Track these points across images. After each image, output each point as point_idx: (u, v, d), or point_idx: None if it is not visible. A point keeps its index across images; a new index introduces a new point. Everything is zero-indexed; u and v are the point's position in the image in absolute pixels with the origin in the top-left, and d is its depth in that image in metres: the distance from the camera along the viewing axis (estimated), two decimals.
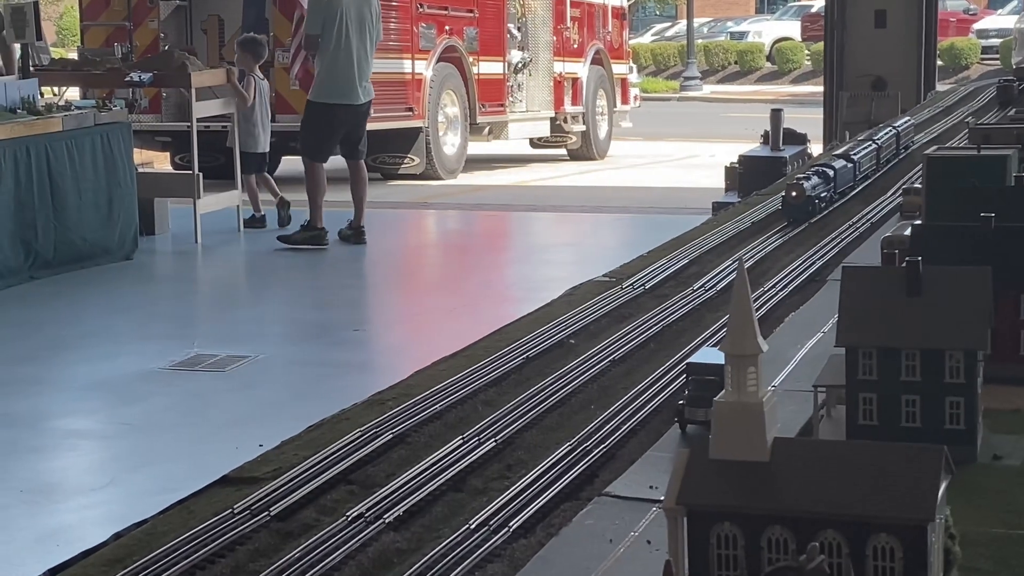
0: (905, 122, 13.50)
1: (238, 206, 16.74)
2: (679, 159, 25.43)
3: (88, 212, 14.47)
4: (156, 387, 10.26)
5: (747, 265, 8.90)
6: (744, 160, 15.84)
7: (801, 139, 15.94)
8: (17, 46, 15.80)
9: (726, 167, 16.46)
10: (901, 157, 12.75)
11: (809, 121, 20.86)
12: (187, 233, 16.16)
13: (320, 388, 10.09)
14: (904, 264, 3.91)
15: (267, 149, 16.84)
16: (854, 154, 11.48)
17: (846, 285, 3.90)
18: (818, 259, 8.07)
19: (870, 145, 12.05)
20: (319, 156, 15.85)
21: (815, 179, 10.31)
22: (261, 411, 9.67)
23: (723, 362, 2.90)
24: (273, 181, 17.41)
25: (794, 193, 9.98)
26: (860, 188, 11.25)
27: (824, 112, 19.52)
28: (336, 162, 16.47)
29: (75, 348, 11.47)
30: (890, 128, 13.05)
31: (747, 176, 15.76)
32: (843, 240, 8.57)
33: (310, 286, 14.48)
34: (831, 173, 10.61)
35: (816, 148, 16.23)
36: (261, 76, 16.82)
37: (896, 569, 2.74)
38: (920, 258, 3.89)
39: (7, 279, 13.48)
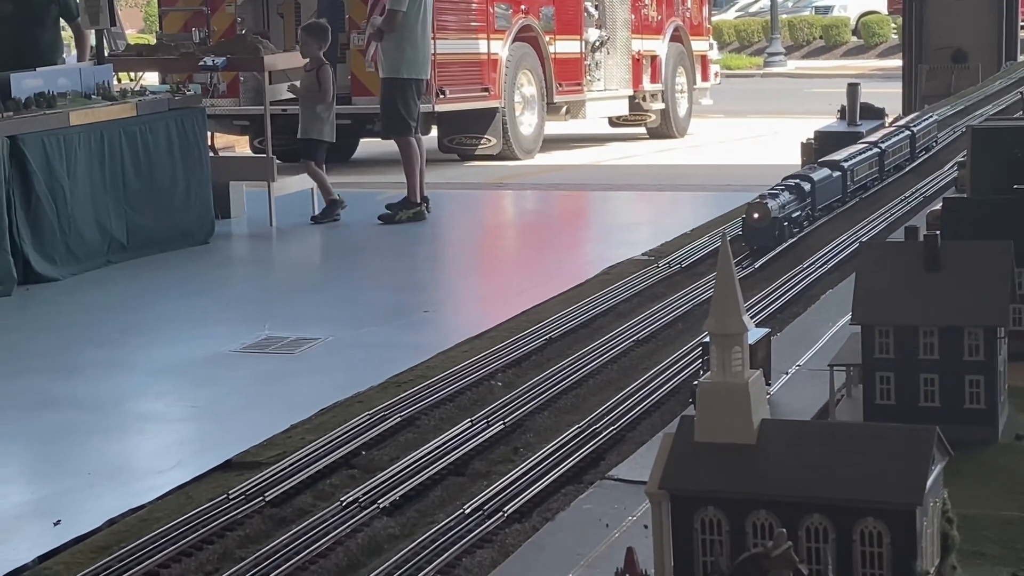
0: (926, 119, 12.45)
1: (312, 189, 16.82)
2: (759, 136, 25.16)
3: (162, 197, 14.64)
4: (226, 370, 10.37)
5: (793, 240, 8.71)
6: (820, 136, 15.62)
7: (879, 113, 15.68)
8: (92, 33, 15.98)
9: (802, 143, 16.28)
10: (921, 160, 11.58)
11: (892, 96, 20.56)
12: (262, 216, 16.29)
13: (387, 370, 10.08)
14: (923, 239, 3.83)
15: (333, 139, 16.79)
16: (846, 162, 9.98)
17: (863, 260, 3.82)
18: (864, 234, 7.96)
19: (871, 150, 10.66)
20: (411, 131, 16.07)
21: (785, 196, 8.73)
22: (328, 393, 9.71)
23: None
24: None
25: (756, 214, 8.26)
26: (852, 202, 9.90)
27: (903, 85, 19.23)
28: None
29: (148, 332, 11.62)
30: (904, 130, 11.70)
31: (822, 152, 15.58)
32: (893, 214, 8.40)
33: (382, 268, 14.53)
34: (807, 187, 9.03)
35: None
36: (324, 61, 16.86)
37: (884, 554, 2.68)
38: (939, 232, 3.80)
39: (84, 263, 13.69)
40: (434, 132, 21.37)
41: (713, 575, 2.56)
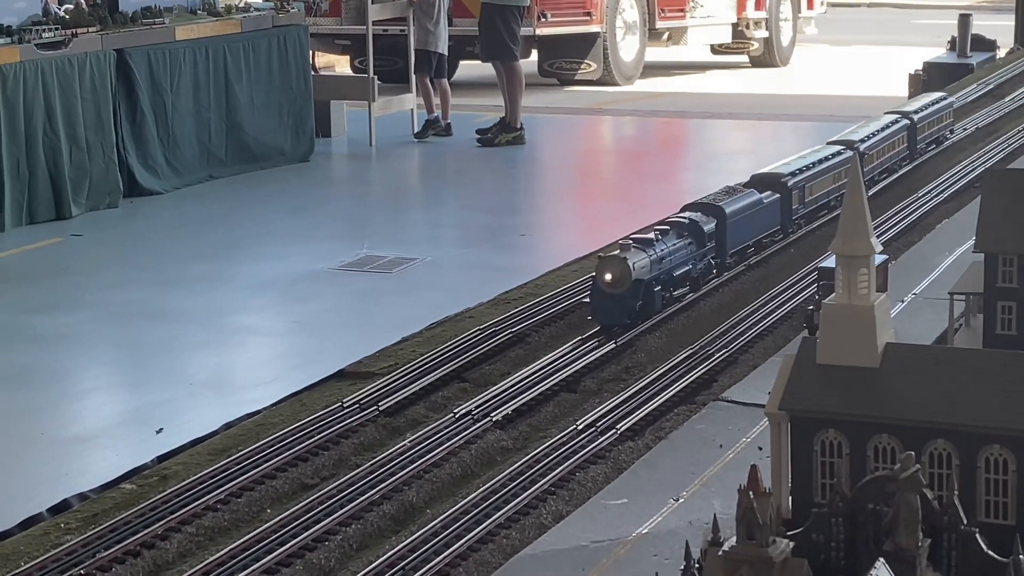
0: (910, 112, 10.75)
1: (412, 110, 16.81)
2: (864, 66, 24.71)
3: (264, 114, 14.71)
4: (324, 287, 10.45)
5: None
6: (929, 67, 15.28)
7: (990, 46, 15.34)
8: None
9: (910, 74, 15.96)
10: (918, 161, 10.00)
11: (1004, 28, 20.07)
12: (362, 136, 16.32)
13: (482, 291, 10.11)
14: None
15: (445, 52, 16.77)
16: (791, 178, 7.61)
17: (988, 189, 3.73)
18: (980, 164, 7.72)
19: (826, 161, 8.47)
20: (516, 56, 16.02)
21: (665, 243, 6.28)
22: (425, 313, 9.75)
23: None
24: (449, 99, 17.17)
25: (608, 275, 5.93)
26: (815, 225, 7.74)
27: (1016, 17, 18.73)
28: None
29: (248, 247, 11.72)
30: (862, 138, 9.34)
31: (931, 83, 15.29)
32: (1014, 143, 8.10)
33: (481, 190, 14.51)
34: (708, 226, 6.51)
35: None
36: None
37: (1009, 482, 2.63)
38: None
39: (186, 177, 13.82)
40: (534, 56, 21.23)
41: (834, 497, 2.53)
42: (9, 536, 5.79)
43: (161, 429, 7.26)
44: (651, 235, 6.39)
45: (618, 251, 6.21)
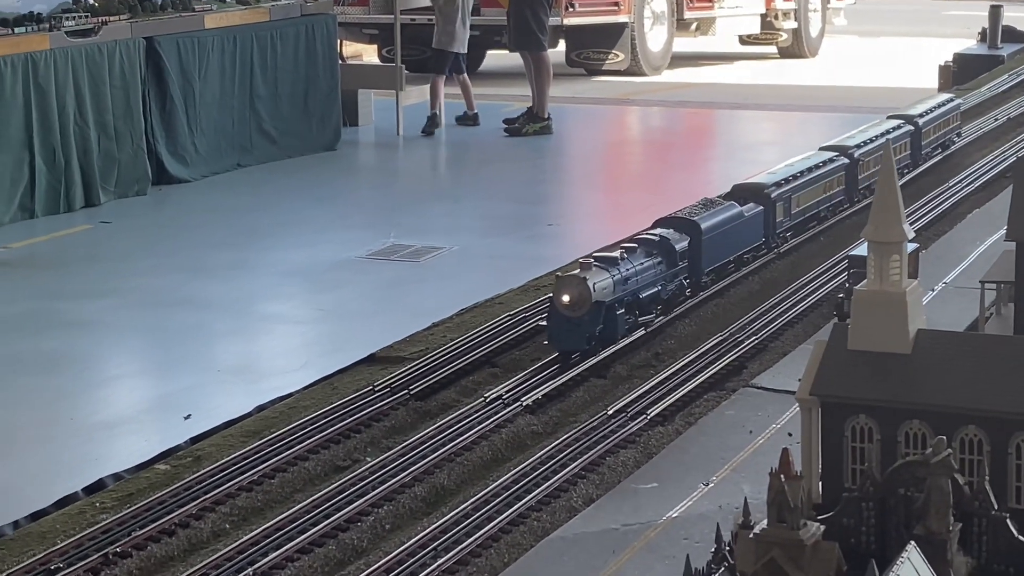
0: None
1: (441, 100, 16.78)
2: (894, 57, 24.61)
3: (291, 102, 14.74)
4: (352, 275, 10.47)
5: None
6: (959, 58, 15.20)
7: (1021, 37, 15.25)
8: None
9: (940, 66, 15.89)
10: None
11: None
12: (389, 125, 16.33)
13: (510, 280, 10.12)
14: None
15: (463, 50, 16.69)
16: (776, 189, 7.10)
17: (1020, 177, 3.71)
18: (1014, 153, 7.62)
19: (816, 169, 7.95)
20: (544, 45, 16.02)
21: (632, 263, 5.80)
22: (452, 301, 9.77)
23: None
24: (471, 90, 17.14)
25: (566, 296, 5.48)
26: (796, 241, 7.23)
27: None
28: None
29: (275, 235, 11.76)
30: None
31: (961, 75, 15.21)
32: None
33: (508, 180, 14.51)
34: (681, 244, 6.06)
35: None
36: None
37: None
38: None
39: (214, 166, 13.87)
40: (561, 46, 21.20)
41: (866, 482, 2.53)
42: (45, 515, 5.85)
43: (189, 415, 7.29)
44: (616, 253, 5.93)
45: (578, 270, 5.72)
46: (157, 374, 8.57)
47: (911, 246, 4.60)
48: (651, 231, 6.39)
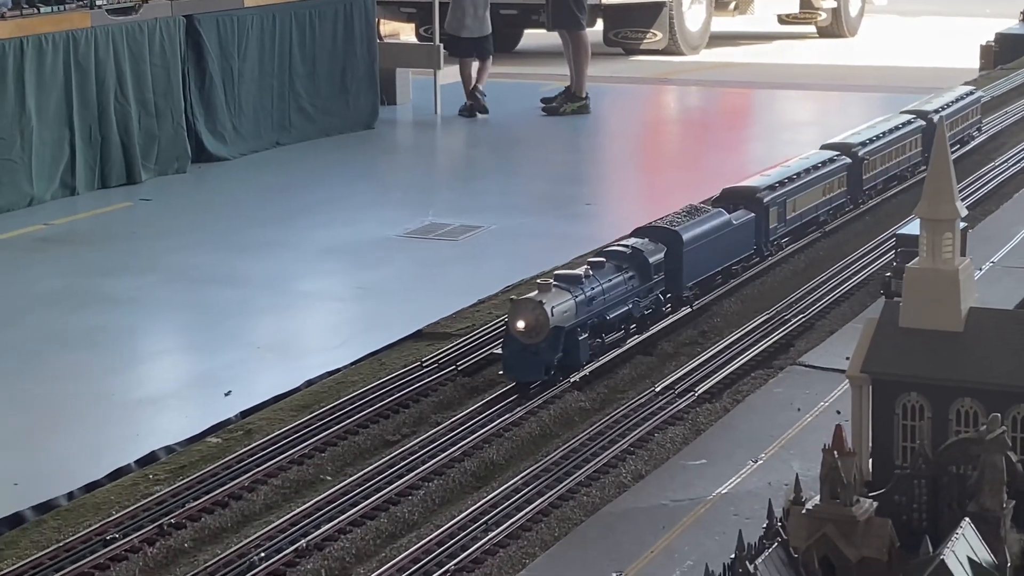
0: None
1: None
2: (934, 37, 24.45)
3: (329, 81, 14.75)
4: (390, 253, 10.49)
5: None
6: (1000, 38, 15.06)
7: None
8: None
9: (981, 46, 15.77)
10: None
11: None
12: (427, 104, 16.33)
13: (547, 259, 10.12)
14: None
15: (475, 35, 16.45)
16: (769, 193, 6.56)
17: None
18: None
19: (816, 170, 7.33)
20: (582, 24, 15.99)
21: (600, 281, 5.29)
22: (493, 278, 9.76)
23: None
24: (487, 69, 16.91)
25: (522, 322, 5.04)
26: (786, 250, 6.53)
27: None
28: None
29: (314, 213, 11.79)
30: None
31: (1003, 54, 15.09)
32: None
33: (547, 159, 14.50)
34: (654, 257, 5.63)
35: None
36: None
37: None
38: None
39: (252, 144, 13.90)
40: (599, 26, 21.15)
41: (917, 459, 2.52)
42: (98, 486, 5.90)
43: (229, 392, 7.33)
44: (580, 271, 5.33)
45: (535, 292, 5.18)
46: (197, 350, 8.61)
47: (961, 224, 4.58)
48: (622, 243, 5.93)
